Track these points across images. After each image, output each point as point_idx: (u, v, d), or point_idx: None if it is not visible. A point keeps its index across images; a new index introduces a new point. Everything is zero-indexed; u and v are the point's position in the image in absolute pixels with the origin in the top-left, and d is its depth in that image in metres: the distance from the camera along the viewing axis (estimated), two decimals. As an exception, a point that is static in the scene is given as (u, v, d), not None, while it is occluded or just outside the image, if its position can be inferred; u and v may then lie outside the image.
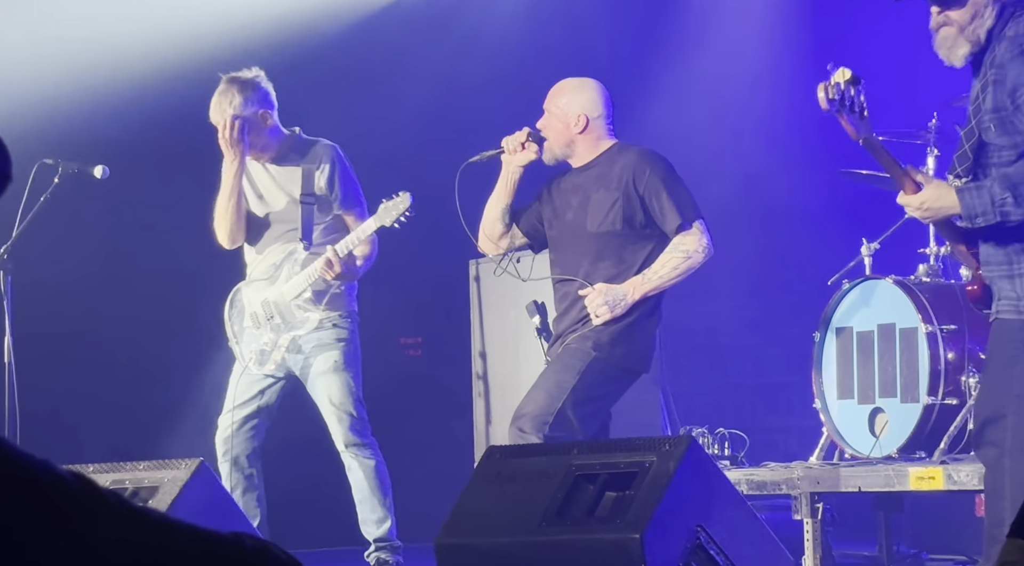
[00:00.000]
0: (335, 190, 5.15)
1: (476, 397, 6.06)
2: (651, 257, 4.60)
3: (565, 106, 4.71)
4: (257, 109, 5.11)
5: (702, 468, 3.60)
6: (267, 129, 5.15)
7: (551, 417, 4.42)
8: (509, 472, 3.75)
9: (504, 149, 4.73)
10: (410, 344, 7.67)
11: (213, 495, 4.36)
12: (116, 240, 6.93)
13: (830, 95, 3.44)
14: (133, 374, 6.96)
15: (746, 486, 4.97)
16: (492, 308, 5.99)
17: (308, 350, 5.13)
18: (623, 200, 4.59)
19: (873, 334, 5.30)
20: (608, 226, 4.61)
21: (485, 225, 4.85)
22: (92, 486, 1.00)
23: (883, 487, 4.75)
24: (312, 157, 5.18)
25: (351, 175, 5.23)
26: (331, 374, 5.10)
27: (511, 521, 3.62)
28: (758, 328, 7.54)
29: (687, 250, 4.56)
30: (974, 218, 3.47)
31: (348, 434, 5.09)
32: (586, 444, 4.01)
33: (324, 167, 5.15)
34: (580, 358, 4.53)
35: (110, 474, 4.40)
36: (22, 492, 0.95)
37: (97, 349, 6.87)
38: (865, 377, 5.31)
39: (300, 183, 5.14)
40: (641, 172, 4.60)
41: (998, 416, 3.47)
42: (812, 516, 4.81)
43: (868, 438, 5.23)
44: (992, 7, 3.52)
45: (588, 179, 4.69)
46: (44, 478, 0.97)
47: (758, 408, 7.37)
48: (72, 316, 6.69)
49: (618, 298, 4.53)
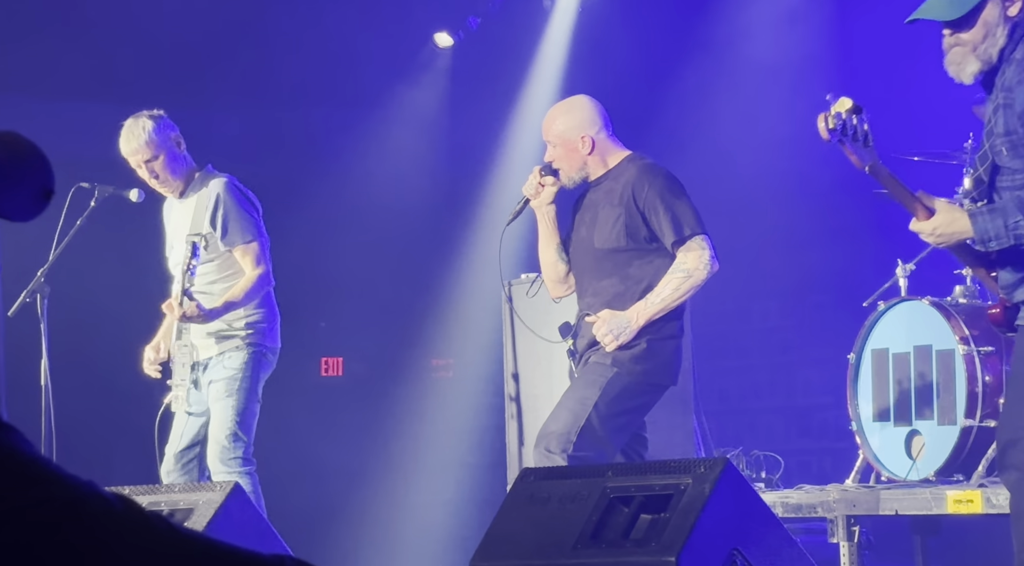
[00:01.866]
0: (217, 227, 5.08)
1: (509, 419, 6.05)
2: (659, 272, 4.53)
3: (564, 133, 4.67)
4: (170, 132, 5.11)
5: (738, 490, 3.57)
6: (181, 155, 5.13)
7: (575, 435, 4.40)
8: (543, 494, 3.73)
9: (527, 197, 4.70)
10: (441, 365, 7.68)
11: (248, 517, 4.36)
12: (151, 263, 6.97)
13: (830, 125, 3.43)
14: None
15: (781, 509, 4.93)
16: (525, 329, 5.98)
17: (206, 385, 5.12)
18: (625, 216, 4.54)
19: (909, 356, 5.27)
20: (612, 242, 4.56)
21: (547, 272, 4.78)
22: (137, 508, 1.00)
23: (920, 510, 4.71)
24: (204, 193, 5.13)
25: (241, 207, 5.12)
26: (216, 403, 5.08)
27: (545, 544, 3.61)
28: (792, 349, 7.50)
29: (687, 269, 4.48)
30: (987, 242, 3.44)
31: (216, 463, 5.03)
32: (620, 466, 3.99)
33: (210, 205, 5.09)
34: (601, 373, 4.51)
35: (146, 496, 4.41)
36: (70, 514, 0.96)
37: (132, 371, 6.90)
38: (902, 399, 5.27)
39: (190, 222, 5.12)
40: (640, 187, 4.54)
41: (1018, 438, 3.41)
42: (848, 539, 4.77)
43: (905, 460, 5.19)
44: (1004, 27, 3.49)
45: (599, 194, 4.66)
46: (90, 500, 0.97)
47: (792, 430, 7.33)
48: (108, 338, 6.73)
49: (622, 326, 4.48)
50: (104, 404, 6.81)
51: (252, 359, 5.10)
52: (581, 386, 4.53)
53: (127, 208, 5.56)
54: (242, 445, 5.03)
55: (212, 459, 5.03)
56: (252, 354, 5.10)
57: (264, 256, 5.14)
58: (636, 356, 4.50)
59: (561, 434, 4.41)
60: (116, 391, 6.85)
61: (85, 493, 0.98)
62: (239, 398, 5.05)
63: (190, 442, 5.14)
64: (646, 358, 4.51)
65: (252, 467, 5.04)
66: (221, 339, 5.10)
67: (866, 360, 5.38)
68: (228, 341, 5.10)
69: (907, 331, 5.30)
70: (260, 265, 5.10)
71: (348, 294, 7.62)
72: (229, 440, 5.01)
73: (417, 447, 7.43)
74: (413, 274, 7.69)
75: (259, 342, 5.13)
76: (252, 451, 5.07)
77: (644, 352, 4.50)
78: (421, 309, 7.64)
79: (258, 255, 5.11)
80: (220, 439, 5.02)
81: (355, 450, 7.44)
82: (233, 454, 5.00)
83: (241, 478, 4.91)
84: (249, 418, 5.07)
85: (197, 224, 5.10)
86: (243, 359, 5.08)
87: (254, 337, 5.13)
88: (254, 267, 5.09)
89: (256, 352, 5.11)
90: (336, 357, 7.83)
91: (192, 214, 5.13)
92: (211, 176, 5.18)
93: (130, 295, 6.86)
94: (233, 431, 5.01)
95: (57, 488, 0.97)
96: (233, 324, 5.10)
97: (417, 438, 7.43)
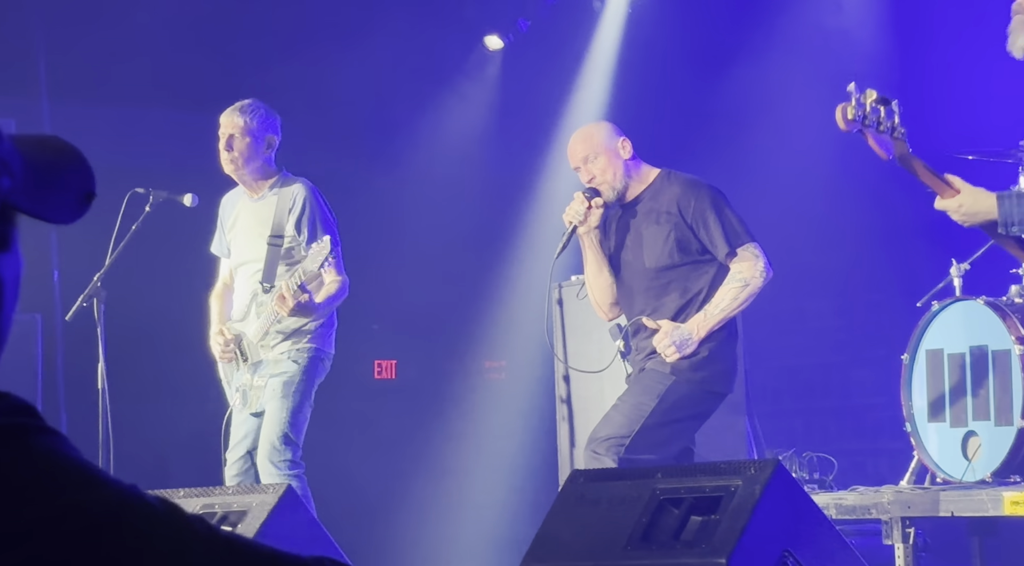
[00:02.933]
0: (303, 232, 5.09)
1: (560, 421, 6.05)
2: (715, 282, 4.57)
3: (605, 140, 4.68)
4: (268, 133, 5.15)
5: (789, 492, 3.55)
6: (267, 153, 5.15)
7: (627, 440, 4.41)
8: (593, 496, 3.73)
9: (574, 224, 4.67)
10: (494, 367, 7.69)
11: (300, 519, 4.39)
12: (206, 267, 7.04)
13: (850, 115, 3.41)
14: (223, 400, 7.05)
15: (834, 510, 4.90)
16: (575, 331, 5.98)
17: (264, 386, 5.13)
18: (675, 232, 4.57)
19: (965, 356, 5.21)
20: (666, 259, 4.58)
21: (601, 296, 4.77)
22: (178, 511, 1.01)
23: (976, 512, 4.66)
24: (287, 195, 5.15)
25: (324, 215, 5.15)
26: (271, 402, 5.08)
27: (595, 546, 3.61)
28: (845, 350, 7.44)
29: (744, 278, 4.52)
30: (1009, 226, 3.44)
31: (265, 462, 5.03)
32: (671, 468, 3.99)
33: (295, 208, 5.11)
34: (659, 381, 4.52)
35: (200, 498, 4.45)
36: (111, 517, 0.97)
37: (188, 374, 6.98)
38: (957, 400, 5.22)
39: (271, 223, 5.13)
40: (687, 202, 4.58)
41: None
42: (903, 541, 4.73)
43: (960, 462, 5.13)
44: None
45: (636, 215, 4.67)
46: (132, 503, 0.99)
47: (846, 431, 7.27)
48: (163, 342, 6.80)
49: (685, 338, 4.50)
50: (160, 407, 6.88)
51: (310, 363, 5.11)
52: (638, 392, 4.54)
53: (182, 213, 5.62)
54: (292, 448, 5.04)
55: (262, 459, 5.04)
56: (311, 358, 5.11)
57: (342, 265, 5.14)
58: (695, 364, 4.52)
59: (611, 438, 4.42)
60: (172, 394, 6.92)
61: (127, 497, 0.99)
62: (294, 400, 5.06)
63: (253, 443, 5.16)
64: (705, 366, 4.53)
65: (301, 470, 5.05)
66: (282, 340, 5.12)
67: (920, 360, 5.33)
68: (288, 342, 5.12)
69: (962, 331, 5.24)
70: (342, 273, 5.11)
71: (401, 297, 7.65)
72: (280, 442, 5.02)
73: (469, 449, 7.44)
74: (465, 276, 7.71)
75: (319, 346, 5.15)
76: (301, 454, 5.09)
77: (703, 360, 4.52)
78: (473, 311, 7.66)
79: (340, 262, 5.11)
80: (272, 439, 5.03)
81: (408, 452, 7.47)
82: (283, 456, 5.02)
83: (289, 481, 4.93)
84: (301, 422, 5.08)
85: (279, 226, 5.13)
86: (303, 362, 5.10)
87: (314, 341, 5.14)
88: (336, 274, 5.08)
89: (314, 357, 5.13)
90: (389, 360, 7.86)
91: (273, 216, 5.15)
92: (294, 180, 5.20)
93: (185, 299, 6.93)
94: (285, 432, 5.03)
95: (98, 492, 0.98)
96: (298, 325, 5.11)
97: (469, 440, 7.44)
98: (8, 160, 1.06)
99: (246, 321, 5.20)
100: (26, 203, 1.08)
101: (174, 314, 6.85)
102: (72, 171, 1.11)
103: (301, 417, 5.08)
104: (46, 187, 1.09)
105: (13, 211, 1.08)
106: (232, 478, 5.14)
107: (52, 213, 1.10)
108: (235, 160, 5.11)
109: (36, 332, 6.17)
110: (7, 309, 1.09)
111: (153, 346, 6.72)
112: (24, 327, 6.04)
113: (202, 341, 6.98)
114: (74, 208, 1.11)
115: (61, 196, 1.10)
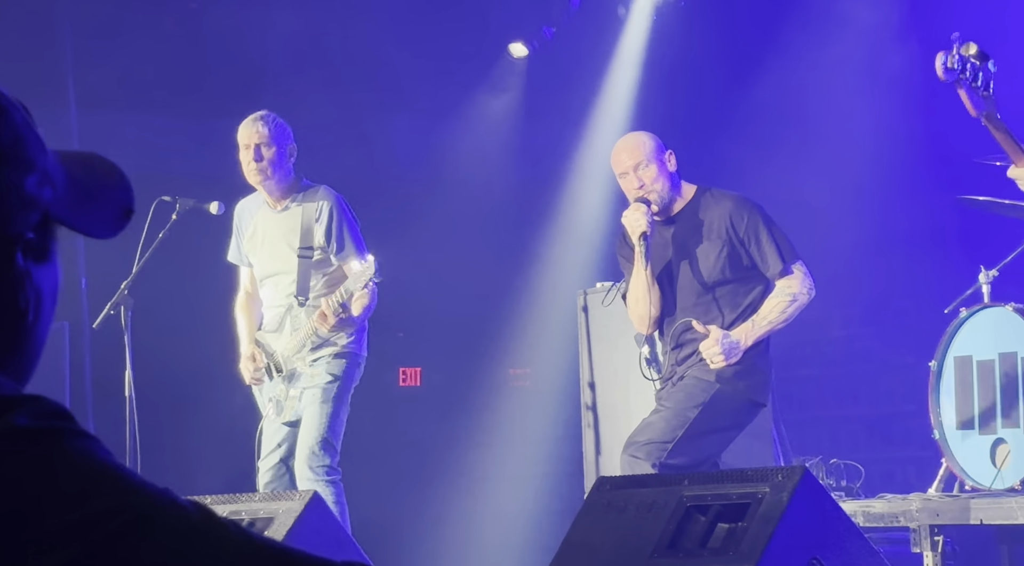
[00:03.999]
0: (332, 242, 5.10)
1: (585, 428, 6.04)
2: (763, 297, 4.66)
3: (654, 150, 4.70)
4: (289, 141, 5.15)
5: (816, 499, 3.53)
6: (288, 163, 5.15)
7: (669, 445, 4.43)
8: (620, 503, 3.72)
9: (643, 232, 4.61)
10: (519, 375, 7.69)
11: (327, 525, 4.40)
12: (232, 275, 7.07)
13: (949, 64, 3.37)
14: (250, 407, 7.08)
15: (862, 518, 4.87)
16: (600, 338, 5.97)
17: (300, 393, 5.13)
18: (728, 248, 4.64)
19: (994, 363, 5.18)
20: (718, 275, 4.65)
21: (647, 312, 4.65)
22: (211, 515, 1.01)
23: (1006, 520, 4.62)
24: (312, 206, 5.13)
25: (350, 222, 5.15)
26: (309, 407, 5.07)
27: (622, 553, 3.60)
28: (873, 357, 7.41)
29: (793, 293, 4.62)
30: None
31: (304, 468, 5.02)
32: (697, 475, 3.97)
33: (323, 218, 5.10)
34: (704, 390, 4.56)
35: (227, 505, 4.46)
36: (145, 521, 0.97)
37: (215, 382, 7.00)
38: (986, 407, 5.18)
39: (299, 234, 5.13)
40: (739, 219, 4.65)
41: None
42: (932, 549, 4.70)
43: (989, 469, 5.10)
44: None
45: (680, 230, 4.69)
46: (166, 506, 0.99)
47: (874, 439, 7.23)
48: (190, 349, 6.83)
49: (733, 347, 4.57)
50: (187, 414, 6.90)
51: (348, 367, 5.12)
52: (682, 399, 4.56)
53: (208, 221, 5.64)
54: (332, 453, 5.03)
55: (300, 465, 5.03)
56: (348, 362, 5.12)
57: None
58: (739, 372, 4.57)
59: (651, 443, 4.44)
60: (199, 402, 6.94)
61: (161, 502, 0.99)
62: (334, 405, 5.06)
63: (288, 451, 5.17)
64: (747, 375, 4.59)
65: (338, 476, 5.04)
66: (317, 347, 5.13)
67: (948, 367, 5.30)
68: (325, 348, 5.12)
69: (991, 338, 5.21)
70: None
71: (426, 304, 7.66)
72: (319, 447, 5.01)
73: (494, 456, 7.44)
74: (490, 283, 7.71)
75: (356, 351, 5.17)
76: (339, 460, 5.09)
77: (745, 370, 4.59)
78: (498, 319, 7.66)
79: None
80: (311, 444, 5.02)
81: (433, 460, 7.47)
82: (322, 461, 5.01)
83: (327, 486, 4.93)
84: (339, 426, 5.08)
85: (307, 237, 5.13)
86: (341, 367, 5.11)
87: (351, 345, 5.15)
88: None
89: (352, 361, 5.14)
90: (414, 367, 7.87)
91: (300, 226, 5.15)
92: (316, 188, 5.20)
93: (212, 306, 6.96)
94: (325, 437, 5.02)
95: (132, 497, 0.98)
96: (332, 337, 5.11)
97: (494, 447, 7.44)
98: (51, 173, 1.08)
99: (280, 333, 5.21)
100: (67, 216, 1.10)
101: (201, 321, 6.88)
102: (112, 187, 1.13)
103: (339, 422, 5.09)
104: (87, 201, 1.11)
105: (54, 224, 1.10)
106: (266, 486, 5.15)
107: (91, 227, 1.12)
108: (264, 169, 5.11)
109: (64, 340, 6.20)
110: (45, 319, 1.11)
111: (180, 353, 6.75)
112: (52, 335, 6.02)
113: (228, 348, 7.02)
114: (113, 223, 1.13)
115: (101, 211, 1.12)
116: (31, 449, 0.97)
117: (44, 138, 1.08)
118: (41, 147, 1.08)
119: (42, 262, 1.10)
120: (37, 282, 1.09)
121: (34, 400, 1.01)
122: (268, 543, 1.03)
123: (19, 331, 1.08)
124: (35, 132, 1.08)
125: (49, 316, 1.12)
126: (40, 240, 1.09)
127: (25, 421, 0.99)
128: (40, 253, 1.09)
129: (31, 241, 1.08)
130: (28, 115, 1.09)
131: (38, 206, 1.07)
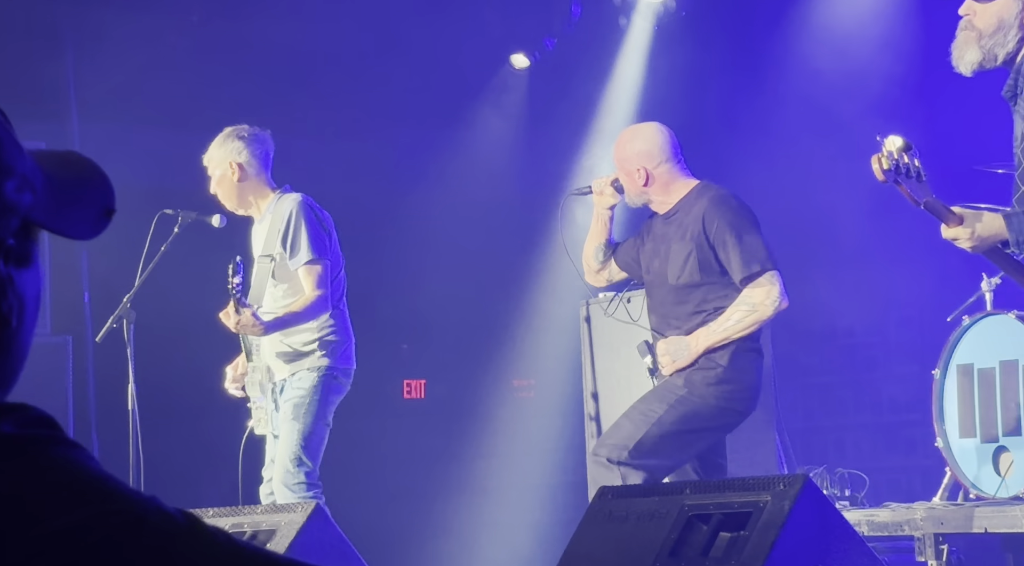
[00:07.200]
0: (287, 248, 5.03)
1: (589, 438, 6.03)
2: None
3: (623, 161, 4.71)
4: (257, 150, 5.13)
5: (818, 508, 3.52)
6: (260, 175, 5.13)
7: (631, 443, 4.38)
8: (621, 512, 3.72)
9: (591, 188, 4.82)
10: (523, 386, 7.69)
11: (329, 537, 4.39)
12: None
13: (884, 166, 3.42)
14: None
15: (866, 527, 4.86)
16: (604, 349, 5.97)
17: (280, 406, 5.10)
18: (697, 251, 4.53)
19: (995, 371, 5.17)
20: (687, 278, 4.55)
21: (585, 258, 4.92)
22: (199, 524, 1.01)
23: (1011, 528, 4.61)
24: (279, 214, 5.08)
25: (311, 225, 5.03)
26: (284, 424, 5.03)
27: (624, 562, 3.59)
28: (877, 366, 7.39)
29: (753, 303, 4.44)
30: (1022, 244, 3.43)
31: (279, 486, 4.98)
32: (699, 483, 3.97)
33: (282, 224, 5.04)
34: (671, 391, 4.51)
35: (229, 518, 4.46)
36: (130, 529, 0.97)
37: (218, 396, 7.00)
38: (988, 415, 5.17)
39: (263, 242, 5.11)
40: (711, 221, 4.52)
41: None
42: (936, 558, 4.68)
43: (993, 478, 5.09)
44: (1018, 32, 3.45)
45: (671, 227, 4.66)
46: (152, 514, 0.99)
47: (878, 447, 7.22)
48: (193, 363, 6.83)
49: (680, 349, 4.49)
50: (190, 428, 6.90)
51: (321, 382, 5.02)
52: (649, 399, 4.53)
53: (211, 234, 5.64)
54: (306, 469, 4.95)
55: (277, 483, 4.98)
56: (321, 377, 5.02)
57: (326, 279, 5.02)
58: (710, 381, 4.48)
59: (615, 444, 4.41)
60: (202, 415, 6.94)
61: (147, 509, 0.99)
62: (305, 422, 4.98)
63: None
64: (721, 382, 4.48)
65: (318, 490, 4.96)
66: (291, 360, 5.07)
67: (951, 376, 5.29)
68: (299, 362, 5.06)
69: (993, 346, 5.20)
70: (320, 288, 5.00)
71: (429, 316, 7.66)
72: (293, 464, 4.95)
73: (499, 467, 7.43)
74: (493, 294, 7.71)
75: (330, 364, 5.05)
76: (318, 475, 5.01)
77: (719, 377, 4.48)
78: (501, 330, 7.65)
79: (320, 277, 5.00)
80: (285, 463, 4.97)
81: (437, 471, 7.46)
82: (296, 479, 4.94)
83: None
84: (315, 442, 4.99)
85: (269, 244, 5.10)
86: (312, 381, 5.01)
87: (324, 358, 5.05)
88: (314, 289, 4.99)
89: (326, 375, 5.03)
90: (419, 379, 7.86)
91: (266, 234, 5.14)
92: (287, 196, 5.15)
93: (214, 320, 6.96)
94: (297, 455, 4.95)
95: (117, 504, 0.98)
96: (303, 345, 5.06)
97: (499, 458, 7.43)
98: (30, 177, 1.07)
99: (260, 348, 5.19)
100: (47, 219, 1.08)
101: (204, 334, 6.87)
102: (93, 187, 1.11)
103: (315, 438, 4.99)
104: (67, 203, 1.09)
105: (35, 227, 1.09)
106: (266, 497, 5.14)
107: (73, 229, 1.10)
108: (218, 194, 5.13)
109: (67, 354, 6.20)
110: (28, 326, 1.10)
111: (183, 366, 6.75)
112: (55, 349, 6.07)
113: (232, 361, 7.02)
114: (94, 224, 1.11)
115: (82, 212, 1.11)
116: (16, 457, 0.97)
117: (21, 142, 1.08)
118: (19, 151, 1.07)
119: (24, 267, 1.08)
120: (20, 288, 1.08)
121: (19, 408, 1.01)
122: (258, 552, 1.02)
123: (2, 338, 1.07)
124: (12, 136, 1.07)
125: (33, 322, 1.11)
126: (21, 245, 1.08)
127: (10, 429, 0.98)
128: (22, 258, 1.08)
129: (12, 247, 1.07)
130: (5, 119, 1.08)
131: (18, 212, 1.06)
